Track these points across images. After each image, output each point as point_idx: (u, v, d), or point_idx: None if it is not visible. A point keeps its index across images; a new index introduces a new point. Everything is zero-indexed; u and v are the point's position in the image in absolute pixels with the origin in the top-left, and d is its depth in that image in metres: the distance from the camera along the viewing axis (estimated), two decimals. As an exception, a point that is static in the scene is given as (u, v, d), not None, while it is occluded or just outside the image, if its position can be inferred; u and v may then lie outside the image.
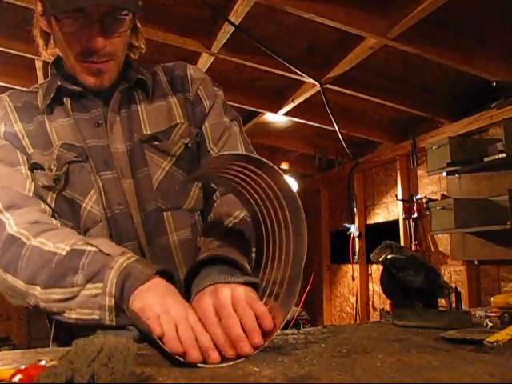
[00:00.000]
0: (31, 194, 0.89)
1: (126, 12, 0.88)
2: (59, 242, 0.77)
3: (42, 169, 0.91)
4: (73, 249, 0.75)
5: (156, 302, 0.64)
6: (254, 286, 0.72)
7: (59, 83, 0.96)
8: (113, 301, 0.69)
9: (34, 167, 0.92)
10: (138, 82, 0.99)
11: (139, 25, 1.00)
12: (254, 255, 0.82)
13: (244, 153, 0.75)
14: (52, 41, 0.99)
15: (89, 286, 0.71)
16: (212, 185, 0.99)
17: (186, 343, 0.58)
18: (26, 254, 0.77)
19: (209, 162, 0.81)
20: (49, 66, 1.02)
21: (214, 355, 0.58)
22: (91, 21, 0.85)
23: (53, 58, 1.02)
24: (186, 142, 0.99)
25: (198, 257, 0.78)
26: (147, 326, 0.61)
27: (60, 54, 0.98)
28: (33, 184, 0.90)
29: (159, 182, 0.95)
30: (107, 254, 0.73)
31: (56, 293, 0.73)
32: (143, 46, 1.03)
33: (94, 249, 0.74)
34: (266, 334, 0.63)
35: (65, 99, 0.97)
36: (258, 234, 0.79)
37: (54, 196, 0.91)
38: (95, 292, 0.70)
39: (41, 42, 0.99)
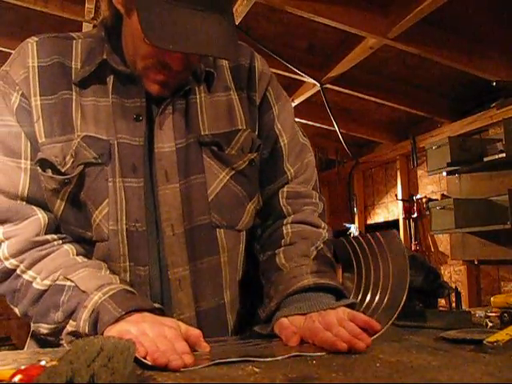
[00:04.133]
0: (24, 202, 0.80)
1: None
2: (46, 277, 0.77)
3: (52, 167, 0.79)
4: (55, 284, 0.76)
5: (132, 327, 0.65)
6: (351, 305, 0.77)
7: (105, 57, 0.82)
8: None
9: (41, 165, 0.80)
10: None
11: None
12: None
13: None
14: (102, 8, 0.85)
15: (67, 321, 0.73)
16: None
17: (167, 354, 0.59)
18: (21, 289, 0.78)
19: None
20: (98, 23, 0.88)
21: (187, 358, 0.59)
22: None
23: (105, 16, 0.86)
24: (252, 157, 0.88)
25: (298, 282, 0.78)
26: None
27: (125, 35, 0.83)
28: (31, 185, 0.81)
29: (216, 195, 0.84)
30: (83, 291, 0.72)
31: (43, 327, 0.77)
32: None
33: (72, 284, 0.74)
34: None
35: (108, 77, 0.83)
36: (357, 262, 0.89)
37: (63, 204, 0.81)
38: (71, 329, 0.72)
39: (106, 13, 0.85)
